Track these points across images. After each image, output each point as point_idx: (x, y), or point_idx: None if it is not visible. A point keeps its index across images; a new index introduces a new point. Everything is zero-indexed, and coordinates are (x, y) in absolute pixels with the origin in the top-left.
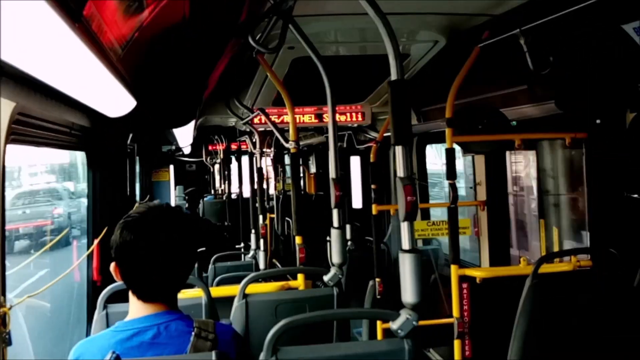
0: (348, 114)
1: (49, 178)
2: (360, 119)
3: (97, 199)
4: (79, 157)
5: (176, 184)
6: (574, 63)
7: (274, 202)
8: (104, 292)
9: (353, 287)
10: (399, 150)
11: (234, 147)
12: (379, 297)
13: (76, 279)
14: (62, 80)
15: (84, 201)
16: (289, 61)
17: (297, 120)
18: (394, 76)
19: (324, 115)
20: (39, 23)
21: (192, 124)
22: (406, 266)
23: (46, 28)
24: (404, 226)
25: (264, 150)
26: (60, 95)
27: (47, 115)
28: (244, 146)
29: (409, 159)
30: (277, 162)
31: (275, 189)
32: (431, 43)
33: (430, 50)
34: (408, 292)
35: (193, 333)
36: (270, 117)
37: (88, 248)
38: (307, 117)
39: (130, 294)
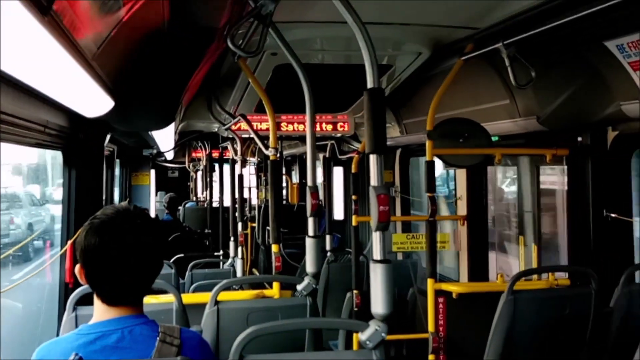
0: (331, 124)
1: (9, 181)
2: (343, 128)
3: (71, 199)
4: (49, 157)
5: (158, 189)
6: (557, 79)
7: (256, 211)
8: (73, 294)
9: (334, 299)
10: (373, 159)
11: (215, 154)
12: (356, 309)
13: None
14: (33, 76)
15: (53, 208)
16: (272, 68)
17: (279, 128)
18: (370, 84)
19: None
20: (5, 14)
21: (172, 128)
22: (377, 277)
23: (13, 20)
24: (376, 236)
25: (248, 158)
26: (33, 92)
27: (19, 112)
28: (226, 154)
29: (382, 168)
30: (260, 170)
31: (258, 198)
32: (415, 54)
33: (414, 61)
34: (378, 303)
35: (158, 338)
36: (252, 123)
37: (61, 249)
38: (290, 126)
39: (94, 297)
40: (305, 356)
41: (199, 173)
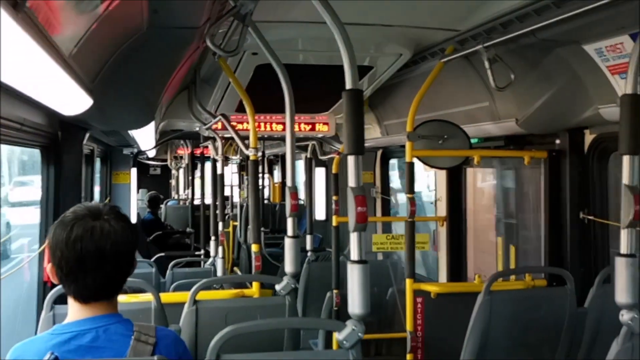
0: (312, 124)
1: None
2: (324, 129)
3: (50, 199)
4: (4, 152)
5: (139, 187)
6: (536, 82)
7: (238, 210)
8: (51, 292)
9: (315, 298)
10: (351, 159)
11: (197, 152)
12: (336, 308)
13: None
14: (8, 73)
15: (9, 213)
16: (253, 67)
17: (260, 129)
18: (348, 85)
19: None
20: None
21: (152, 127)
22: (354, 277)
23: None
24: (354, 237)
25: (230, 157)
26: (9, 89)
27: None
28: (208, 152)
29: (361, 169)
30: (242, 169)
31: (240, 197)
32: (396, 56)
33: (395, 63)
34: (356, 303)
35: (133, 337)
36: (233, 123)
37: (40, 248)
38: (271, 127)
39: (68, 296)
40: (282, 356)
41: (181, 171)
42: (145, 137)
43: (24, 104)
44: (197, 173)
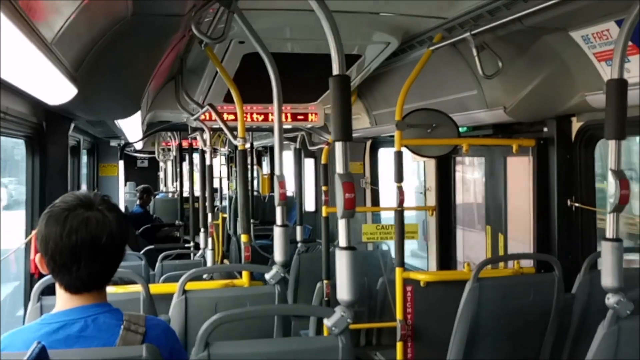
0: (301, 115)
1: None
2: (312, 119)
3: (35, 190)
4: None
5: (127, 180)
6: (523, 69)
7: (227, 202)
8: (38, 283)
9: (305, 289)
10: (339, 146)
11: (185, 144)
12: (326, 298)
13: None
14: None
15: None
16: (240, 56)
17: (248, 119)
18: (335, 71)
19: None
20: None
21: (138, 118)
22: (343, 263)
23: None
24: (342, 223)
25: (219, 148)
26: None
27: None
28: (196, 144)
29: (348, 156)
30: (231, 161)
31: (229, 189)
32: (384, 44)
33: (383, 51)
34: (344, 290)
35: (122, 326)
36: (221, 114)
37: (26, 239)
38: (259, 117)
39: (57, 286)
40: (272, 343)
41: (169, 163)
42: (132, 128)
43: (6, 92)
44: (186, 165)
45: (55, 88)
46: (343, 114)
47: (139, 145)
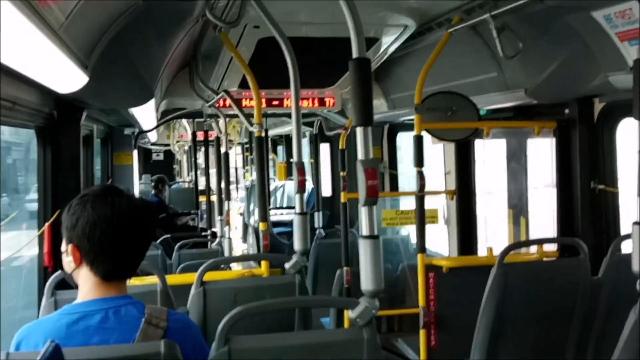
0: (318, 100)
1: None
2: (329, 104)
3: (47, 181)
4: None
5: (143, 173)
6: (544, 50)
7: (245, 192)
8: (52, 277)
9: (325, 276)
10: (360, 131)
11: (200, 136)
12: (346, 286)
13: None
14: None
15: None
16: (255, 41)
17: (264, 104)
18: (355, 54)
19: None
20: None
21: (152, 105)
22: (367, 253)
23: None
24: (364, 211)
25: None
26: None
27: None
28: (211, 136)
29: (370, 141)
30: (247, 151)
31: (245, 178)
32: (401, 27)
33: (401, 34)
34: (368, 280)
35: (143, 320)
36: (236, 99)
37: (39, 231)
38: (275, 102)
39: (82, 275)
40: (293, 336)
41: (185, 156)
42: (146, 116)
43: (15, 81)
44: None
45: (65, 76)
46: (364, 98)
47: (153, 137)
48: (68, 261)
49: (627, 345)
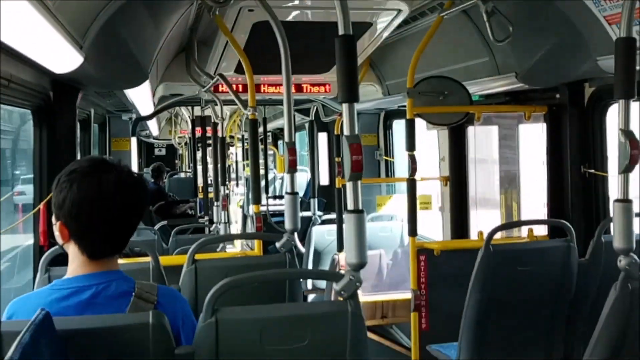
0: (314, 85)
1: None
2: (324, 90)
3: (43, 161)
4: None
5: (145, 166)
6: (535, 34)
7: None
8: (46, 254)
9: (321, 262)
10: (345, 107)
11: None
12: (341, 270)
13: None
14: None
15: None
16: (250, 25)
17: (260, 90)
18: (341, 31)
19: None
20: None
21: (147, 88)
22: (351, 227)
23: None
24: (349, 186)
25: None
26: None
27: None
28: (209, 132)
29: (355, 117)
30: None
31: (245, 172)
32: (394, 12)
33: (394, 19)
34: (352, 253)
35: (134, 294)
36: (232, 84)
37: (34, 210)
38: (271, 88)
39: (71, 251)
40: (280, 308)
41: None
42: (142, 100)
43: (11, 59)
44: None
45: (60, 55)
46: (349, 74)
47: (155, 132)
48: (57, 235)
49: (607, 321)
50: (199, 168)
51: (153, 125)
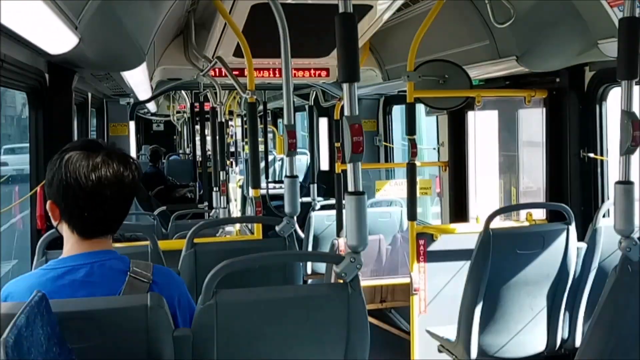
0: (314, 70)
1: None
2: (323, 75)
3: (39, 144)
4: None
5: (143, 143)
6: (535, 17)
7: (243, 165)
8: (43, 237)
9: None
10: (346, 87)
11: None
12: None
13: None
14: None
15: None
16: (248, 7)
17: (259, 75)
18: (341, 9)
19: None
20: None
21: (145, 71)
22: (352, 209)
23: None
24: (350, 167)
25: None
26: None
27: None
28: (207, 106)
29: (356, 97)
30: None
31: (244, 151)
32: None
33: (394, 1)
34: (353, 235)
35: (129, 273)
36: (232, 69)
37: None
38: (270, 72)
39: (65, 231)
40: (280, 290)
41: (185, 127)
42: (140, 84)
43: (5, 39)
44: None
45: (54, 36)
46: (349, 53)
47: (153, 108)
48: (50, 215)
49: (607, 303)
50: (198, 152)
51: (150, 103)
